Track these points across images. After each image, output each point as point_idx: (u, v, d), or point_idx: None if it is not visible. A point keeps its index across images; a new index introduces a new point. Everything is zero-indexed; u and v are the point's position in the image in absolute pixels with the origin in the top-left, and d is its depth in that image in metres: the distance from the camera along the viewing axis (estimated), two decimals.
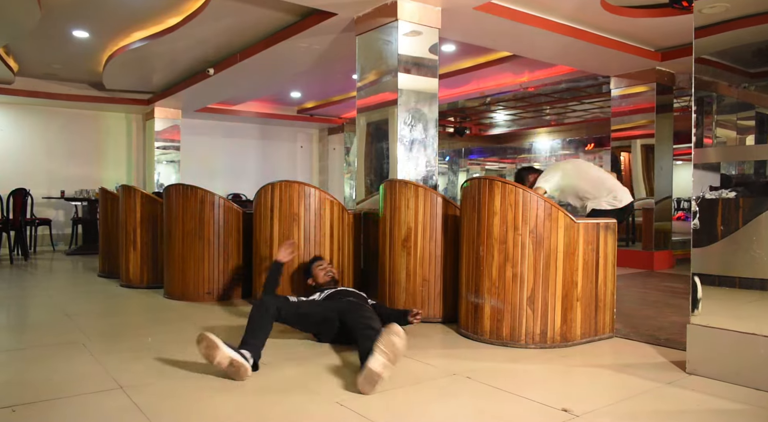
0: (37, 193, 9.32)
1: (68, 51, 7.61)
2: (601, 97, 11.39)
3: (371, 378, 2.48)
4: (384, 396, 2.48)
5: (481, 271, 3.42)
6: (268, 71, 7.33)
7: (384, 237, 4.16)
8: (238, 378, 2.65)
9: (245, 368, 2.66)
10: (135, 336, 3.56)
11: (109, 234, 6.13)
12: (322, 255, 4.41)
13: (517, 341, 3.31)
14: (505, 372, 2.87)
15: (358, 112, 5.27)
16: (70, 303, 4.73)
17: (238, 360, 2.65)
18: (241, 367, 2.65)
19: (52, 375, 2.81)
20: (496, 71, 8.36)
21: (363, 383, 2.49)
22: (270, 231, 4.42)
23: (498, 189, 3.36)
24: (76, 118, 10.28)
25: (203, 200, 4.73)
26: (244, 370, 2.65)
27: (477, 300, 3.45)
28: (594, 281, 3.45)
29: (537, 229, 3.29)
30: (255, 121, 11.95)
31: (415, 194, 3.97)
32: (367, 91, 5.17)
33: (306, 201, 4.38)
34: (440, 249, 3.95)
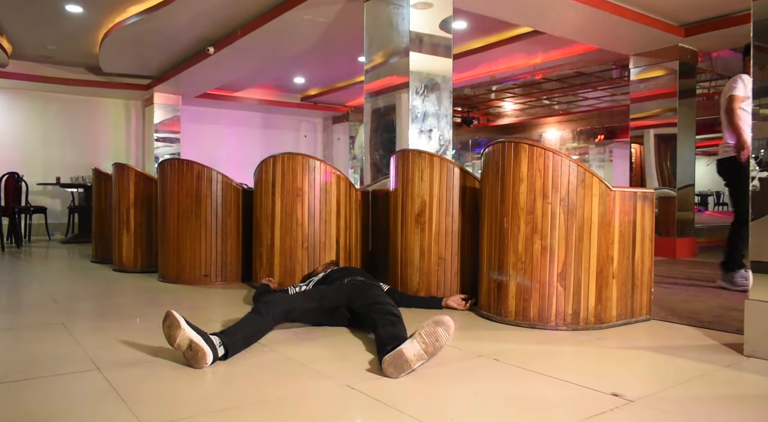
0: (33, 181, 9.01)
1: (62, 29, 7.29)
2: (614, 84, 11.03)
3: (400, 363, 2.13)
4: (402, 379, 2.14)
5: (506, 245, 3.08)
6: (271, 48, 6.99)
7: (395, 213, 3.82)
8: (195, 364, 2.22)
9: (204, 353, 2.21)
10: (121, 318, 3.23)
11: (102, 217, 5.81)
12: (329, 234, 4.08)
13: (547, 322, 2.97)
14: (537, 354, 2.52)
15: (366, 90, 4.95)
16: (58, 287, 4.41)
17: (198, 344, 2.22)
18: (199, 352, 2.21)
19: (23, 355, 2.48)
20: (508, 52, 8.00)
21: (389, 365, 2.14)
22: (272, 208, 4.09)
23: (524, 152, 3.01)
24: (73, 104, 9.96)
25: (200, 176, 4.40)
26: (201, 355, 2.21)
27: (500, 277, 3.11)
28: (631, 256, 3.10)
29: (569, 197, 2.95)
30: (257, 108, 11.62)
31: (429, 165, 3.63)
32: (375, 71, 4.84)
33: (311, 175, 4.04)
34: (457, 225, 3.61)
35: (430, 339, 2.18)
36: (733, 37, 6.36)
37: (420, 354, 2.16)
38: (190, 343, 2.24)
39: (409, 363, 2.13)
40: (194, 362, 2.24)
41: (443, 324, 2.21)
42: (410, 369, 2.15)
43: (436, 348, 2.19)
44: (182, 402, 1.89)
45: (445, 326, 2.22)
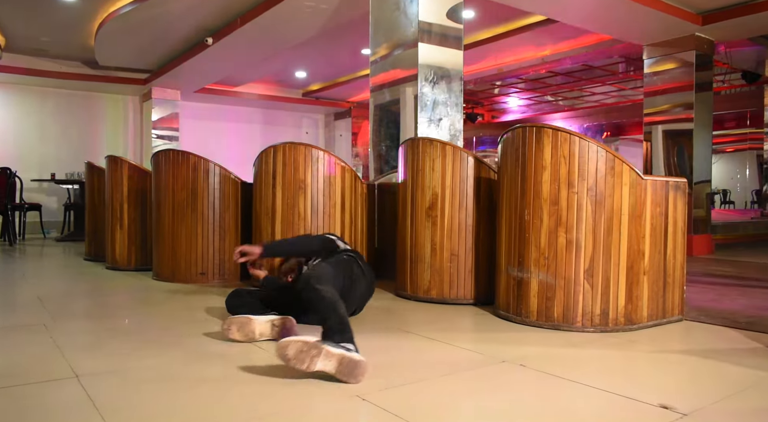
0: (28, 178, 8.77)
1: (56, 20, 7.04)
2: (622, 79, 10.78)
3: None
4: (423, 387, 1.89)
5: (527, 239, 2.83)
6: (272, 38, 6.73)
7: (404, 206, 3.57)
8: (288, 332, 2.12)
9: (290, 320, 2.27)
10: (108, 319, 2.98)
11: (96, 213, 5.56)
12: (333, 229, 3.83)
13: (572, 323, 2.72)
14: (566, 359, 2.27)
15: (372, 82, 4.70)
16: (46, 285, 4.16)
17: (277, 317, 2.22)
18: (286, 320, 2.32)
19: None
20: (516, 43, 7.75)
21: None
22: (272, 202, 3.84)
23: (548, 138, 2.76)
24: (69, 99, 9.71)
25: (196, 168, 4.15)
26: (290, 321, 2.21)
27: (521, 274, 2.86)
28: (662, 251, 2.85)
29: (597, 186, 2.69)
30: (258, 104, 11.37)
31: (441, 154, 3.38)
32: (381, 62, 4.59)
33: (314, 166, 3.79)
34: (472, 219, 3.36)
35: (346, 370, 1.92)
36: (753, 25, 6.11)
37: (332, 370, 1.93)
38: (271, 322, 2.39)
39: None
40: (288, 331, 2.37)
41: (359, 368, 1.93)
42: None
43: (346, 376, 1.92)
44: (162, 417, 1.64)
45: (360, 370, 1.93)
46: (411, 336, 2.60)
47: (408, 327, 2.78)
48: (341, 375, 1.90)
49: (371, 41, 4.73)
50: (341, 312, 2.11)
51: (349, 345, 1.98)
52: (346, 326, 2.06)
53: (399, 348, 2.42)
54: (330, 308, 2.12)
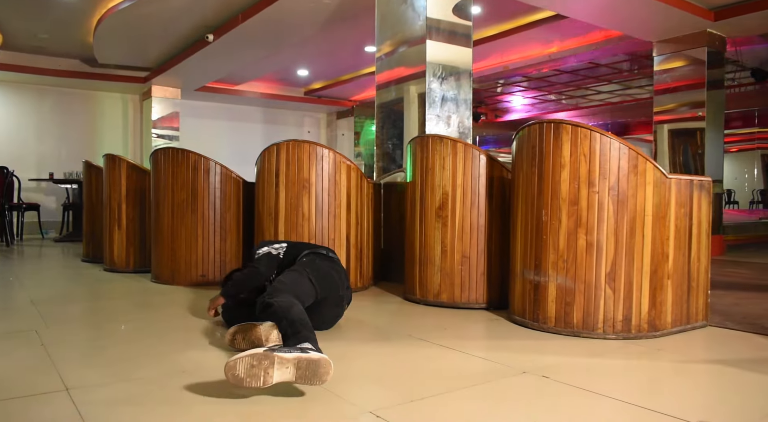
0: (26, 177, 8.63)
1: (54, 15, 6.89)
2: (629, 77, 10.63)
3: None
4: (444, 402, 1.75)
5: (544, 241, 2.68)
6: (274, 35, 6.59)
7: (413, 206, 3.42)
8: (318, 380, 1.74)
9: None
10: (104, 325, 2.84)
11: (94, 213, 5.42)
12: (338, 230, 3.69)
13: (593, 330, 2.57)
14: (591, 370, 2.13)
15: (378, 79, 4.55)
16: (40, 288, 4.02)
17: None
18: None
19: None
20: (523, 40, 7.60)
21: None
22: (275, 201, 3.70)
23: (567, 134, 2.62)
24: (68, 98, 9.56)
25: (196, 166, 4.01)
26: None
27: (537, 278, 2.71)
28: (687, 254, 2.70)
29: (619, 185, 2.55)
30: (259, 103, 11.22)
31: (452, 151, 3.24)
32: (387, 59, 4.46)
33: (319, 165, 3.64)
34: (484, 219, 3.21)
35: (307, 373, 1.73)
36: (767, 20, 5.97)
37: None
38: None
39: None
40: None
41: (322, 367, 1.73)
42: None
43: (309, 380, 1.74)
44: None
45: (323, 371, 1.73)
46: (423, 344, 2.46)
47: (419, 334, 2.64)
48: (304, 380, 1.70)
49: (377, 37, 4.59)
50: (292, 315, 1.98)
51: (305, 345, 1.80)
52: (299, 326, 1.91)
53: (411, 357, 2.28)
54: (279, 315, 2.01)
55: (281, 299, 2.12)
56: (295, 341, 1.85)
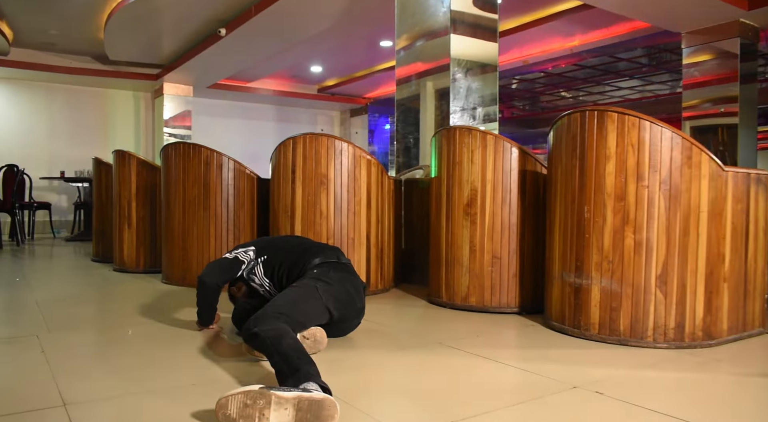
0: (37, 176, 8.51)
1: (64, 11, 6.75)
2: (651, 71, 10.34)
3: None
4: (491, 419, 1.54)
5: (586, 240, 2.45)
6: (288, 28, 6.40)
7: (439, 203, 3.21)
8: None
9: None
10: (109, 330, 2.65)
11: (103, 211, 5.26)
12: (358, 228, 3.48)
13: (642, 337, 2.34)
14: (648, 384, 1.90)
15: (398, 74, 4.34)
16: (47, 289, 3.85)
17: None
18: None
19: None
20: (543, 33, 7.36)
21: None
22: (291, 198, 3.50)
23: (612, 123, 2.39)
24: (79, 96, 9.44)
25: (209, 162, 3.82)
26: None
27: (579, 280, 2.49)
28: (743, 255, 2.47)
29: (671, 179, 2.32)
30: (272, 100, 11.04)
31: (482, 144, 3.01)
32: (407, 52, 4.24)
33: (337, 159, 3.44)
34: (516, 217, 2.99)
35: (308, 416, 1.48)
36: None
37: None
38: (301, 335, 2.05)
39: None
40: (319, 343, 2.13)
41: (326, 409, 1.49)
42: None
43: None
44: None
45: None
46: (456, 353, 2.25)
47: (450, 341, 2.42)
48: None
49: (397, 29, 4.37)
50: (284, 348, 1.71)
51: (309, 385, 1.55)
52: (296, 361, 1.65)
53: (445, 369, 2.06)
54: (269, 348, 1.75)
55: (267, 328, 1.83)
56: (294, 381, 1.59)
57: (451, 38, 3.96)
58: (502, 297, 3.00)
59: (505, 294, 3.00)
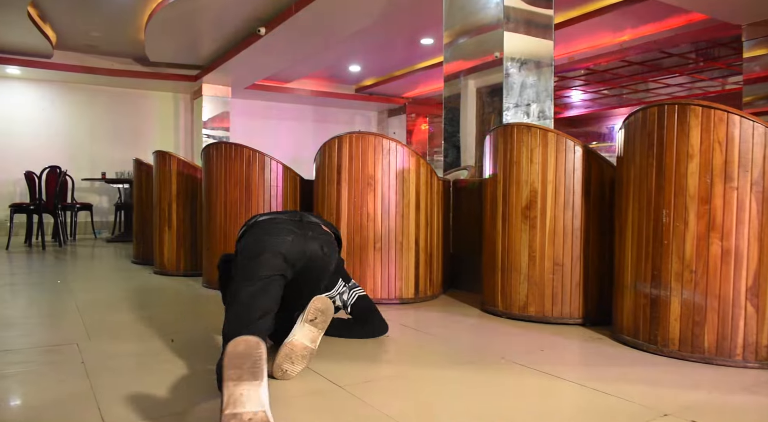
0: (79, 177, 8.60)
1: (106, 13, 6.78)
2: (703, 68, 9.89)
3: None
4: None
5: (665, 247, 2.23)
6: (327, 27, 6.27)
7: (493, 205, 3.01)
8: None
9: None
10: (151, 339, 2.53)
11: (143, 213, 5.21)
12: (406, 232, 3.30)
13: (729, 356, 2.11)
14: (753, 412, 1.67)
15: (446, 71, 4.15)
16: (88, 292, 3.78)
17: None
18: None
19: (10, 396, 1.79)
20: (591, 28, 7.07)
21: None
22: (336, 200, 3.34)
23: (696, 118, 2.16)
24: (120, 98, 9.52)
25: (251, 162, 3.70)
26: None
27: (656, 291, 2.26)
28: None
29: (764, 180, 2.08)
30: (309, 101, 10.96)
31: (542, 142, 2.81)
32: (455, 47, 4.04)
33: (385, 159, 3.27)
34: (579, 221, 2.77)
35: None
36: None
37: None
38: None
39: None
40: None
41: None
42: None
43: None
44: None
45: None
46: (523, 371, 2.05)
47: (513, 357, 2.22)
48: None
49: (445, 23, 4.18)
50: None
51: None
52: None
53: (515, 389, 1.87)
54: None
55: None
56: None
57: (504, 32, 3.76)
58: (564, 307, 2.79)
59: (568, 304, 2.79)
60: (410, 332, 2.69)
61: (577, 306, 2.78)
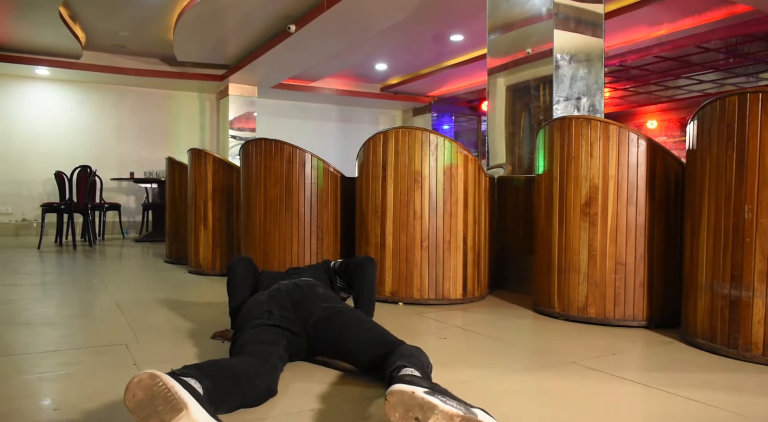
0: (107, 177, 8.61)
1: (135, 12, 6.75)
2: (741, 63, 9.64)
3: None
4: None
5: (746, 245, 2.09)
6: (359, 23, 6.18)
7: (549, 202, 2.88)
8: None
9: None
10: (194, 339, 2.44)
11: (177, 212, 5.15)
12: (454, 231, 3.19)
13: None
14: None
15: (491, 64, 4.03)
16: (126, 292, 3.73)
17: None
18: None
19: (63, 401, 1.71)
20: (627, 22, 6.87)
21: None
22: (381, 198, 3.24)
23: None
24: (147, 98, 9.51)
25: (291, 159, 3.61)
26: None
27: (735, 292, 2.12)
28: None
29: None
30: (334, 100, 10.88)
31: (603, 136, 2.68)
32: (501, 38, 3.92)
33: (432, 155, 3.16)
34: (643, 217, 2.64)
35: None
36: None
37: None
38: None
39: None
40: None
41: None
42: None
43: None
44: None
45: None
46: (600, 377, 1.92)
47: (584, 360, 2.10)
48: None
49: (488, 14, 4.05)
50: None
51: None
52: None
53: (597, 396, 1.75)
54: None
55: None
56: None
57: (554, 22, 3.63)
58: (627, 308, 2.65)
59: (631, 305, 2.65)
60: (468, 334, 2.58)
61: (641, 308, 2.64)
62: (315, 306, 2.00)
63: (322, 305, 2.01)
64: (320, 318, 1.96)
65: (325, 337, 1.94)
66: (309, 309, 1.99)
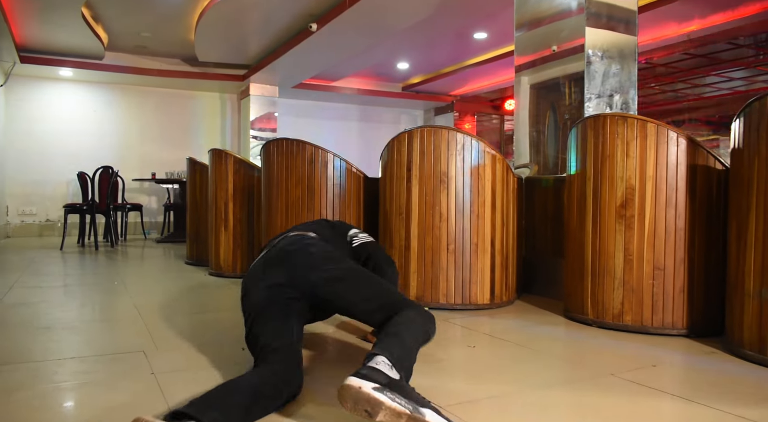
0: (129, 178, 8.64)
1: (156, 13, 6.74)
2: None
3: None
4: None
5: None
6: (381, 21, 6.08)
7: (582, 204, 2.76)
8: None
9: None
10: (215, 346, 2.37)
11: (198, 212, 5.11)
12: (482, 233, 3.08)
13: None
14: None
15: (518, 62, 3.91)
16: (145, 295, 3.68)
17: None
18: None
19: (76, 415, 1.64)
20: (656, 18, 6.68)
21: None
22: (406, 199, 3.14)
23: None
24: (169, 98, 9.53)
25: (313, 159, 3.53)
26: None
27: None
28: None
29: None
30: (355, 100, 10.81)
31: (640, 134, 2.55)
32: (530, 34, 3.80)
33: (459, 155, 3.05)
34: (683, 221, 2.50)
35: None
36: None
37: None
38: None
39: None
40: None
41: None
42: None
43: None
44: None
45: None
46: (642, 391, 1.80)
47: (623, 374, 1.97)
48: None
49: (516, 9, 3.93)
50: None
51: None
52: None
53: (640, 412, 1.63)
54: None
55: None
56: None
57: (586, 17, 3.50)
58: (665, 316, 2.52)
59: (670, 312, 2.52)
60: (498, 342, 2.47)
61: (681, 315, 2.51)
62: (310, 271, 1.93)
63: (322, 268, 1.93)
64: (316, 284, 1.90)
65: (325, 307, 2.02)
66: (303, 273, 1.92)
